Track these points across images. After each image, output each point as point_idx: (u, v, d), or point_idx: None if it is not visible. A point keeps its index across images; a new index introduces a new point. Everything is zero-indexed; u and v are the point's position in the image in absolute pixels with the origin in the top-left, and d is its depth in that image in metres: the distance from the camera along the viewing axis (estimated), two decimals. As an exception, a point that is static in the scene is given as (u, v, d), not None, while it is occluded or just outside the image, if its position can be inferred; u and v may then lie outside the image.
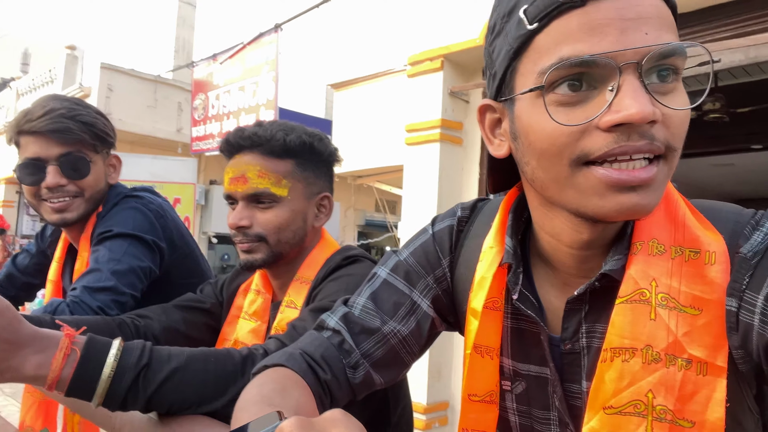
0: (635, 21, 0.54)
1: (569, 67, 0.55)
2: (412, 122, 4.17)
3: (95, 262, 1.28)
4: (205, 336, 1.21)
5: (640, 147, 0.54)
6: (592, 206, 0.57)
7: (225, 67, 8.55)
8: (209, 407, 0.80)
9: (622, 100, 0.53)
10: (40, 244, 1.66)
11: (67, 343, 0.72)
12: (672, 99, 0.56)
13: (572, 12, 0.55)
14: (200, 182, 10.29)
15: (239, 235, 1.10)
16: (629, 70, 0.54)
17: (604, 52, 0.53)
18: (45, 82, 12.26)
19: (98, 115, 1.42)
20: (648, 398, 0.56)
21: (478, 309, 0.71)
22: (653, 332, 0.58)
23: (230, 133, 1.13)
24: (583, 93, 0.56)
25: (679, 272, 0.59)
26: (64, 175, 1.34)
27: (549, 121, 0.56)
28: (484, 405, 0.71)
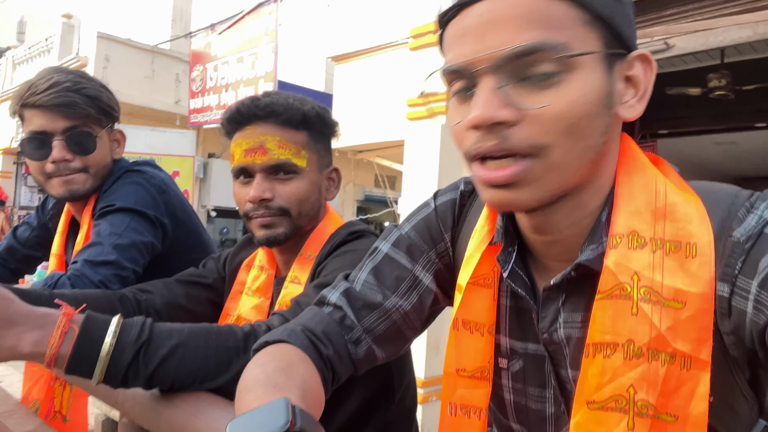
0: (491, 24, 0.56)
1: (446, 74, 0.61)
2: (414, 97, 4.12)
3: (97, 236, 1.27)
4: (207, 311, 1.20)
5: (489, 148, 0.57)
6: (483, 197, 0.62)
7: (223, 37, 8.43)
8: (212, 383, 0.79)
9: (473, 104, 0.57)
10: (41, 216, 1.65)
11: (65, 321, 0.72)
12: (547, 95, 0.56)
13: (452, 21, 0.60)
14: (199, 155, 10.23)
15: (260, 208, 1.05)
16: (484, 74, 0.57)
17: (462, 61, 0.58)
18: (41, 51, 12.09)
19: (103, 88, 1.40)
20: (629, 393, 0.56)
21: (463, 284, 0.72)
22: (635, 327, 0.57)
23: (241, 103, 1.08)
24: (470, 94, 0.59)
25: (660, 265, 0.58)
26: (69, 150, 1.32)
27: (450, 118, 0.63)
28: (474, 381, 0.71)
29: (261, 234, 1.07)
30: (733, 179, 8.44)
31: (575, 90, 0.56)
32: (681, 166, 0.69)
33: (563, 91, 0.56)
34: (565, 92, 0.56)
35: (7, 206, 9.01)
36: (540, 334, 0.70)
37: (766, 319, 0.53)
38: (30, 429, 1.07)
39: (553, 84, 0.56)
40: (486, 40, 0.56)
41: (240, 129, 1.08)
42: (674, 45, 3.28)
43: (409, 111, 4.15)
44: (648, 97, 0.62)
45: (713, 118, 4.72)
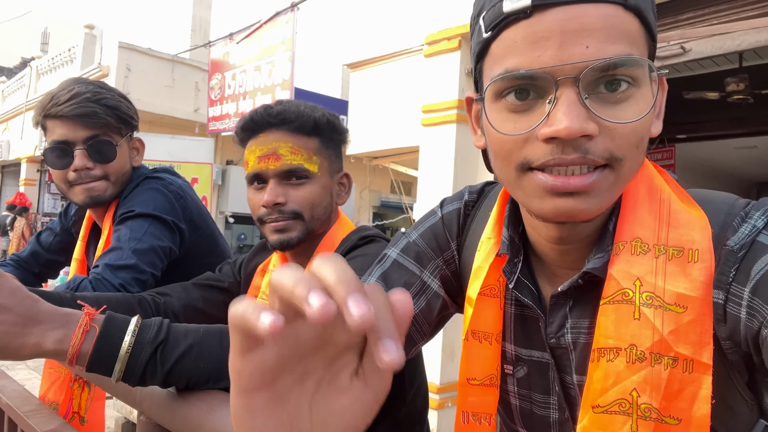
0: (577, 33, 0.54)
1: (511, 79, 0.57)
2: (429, 103, 4.14)
3: (117, 240, 1.31)
4: (223, 314, 1.23)
5: (573, 160, 0.55)
6: (535, 207, 0.60)
7: (241, 46, 8.53)
8: (226, 383, 0.80)
9: (555, 114, 0.55)
10: (64, 222, 1.69)
11: (87, 320, 0.75)
12: (621, 109, 0.56)
13: (519, 23, 0.56)
14: (217, 162, 10.36)
15: (273, 213, 1.08)
16: (567, 84, 0.54)
17: (541, 67, 0.55)
18: (64, 61, 12.36)
19: (122, 98, 1.44)
20: (632, 397, 0.57)
21: (473, 297, 0.72)
22: (637, 332, 0.58)
23: (254, 112, 1.11)
24: (530, 101, 0.57)
25: (663, 271, 0.59)
26: (90, 159, 1.37)
27: (499, 128, 0.59)
28: (483, 388, 0.72)
29: (275, 238, 1.09)
30: (754, 184, 8.29)
31: (643, 105, 0.56)
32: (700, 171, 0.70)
33: (634, 106, 0.56)
34: (635, 107, 0.56)
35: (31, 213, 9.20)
36: (547, 339, 0.71)
37: (759, 324, 0.55)
38: (52, 428, 1.10)
39: (625, 99, 0.56)
40: (570, 49, 0.54)
41: (253, 136, 1.11)
42: (691, 49, 3.25)
43: (424, 117, 4.17)
44: (662, 115, 0.64)
45: (732, 122, 4.66)
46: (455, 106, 3.96)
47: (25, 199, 9.86)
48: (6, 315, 0.70)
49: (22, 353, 0.71)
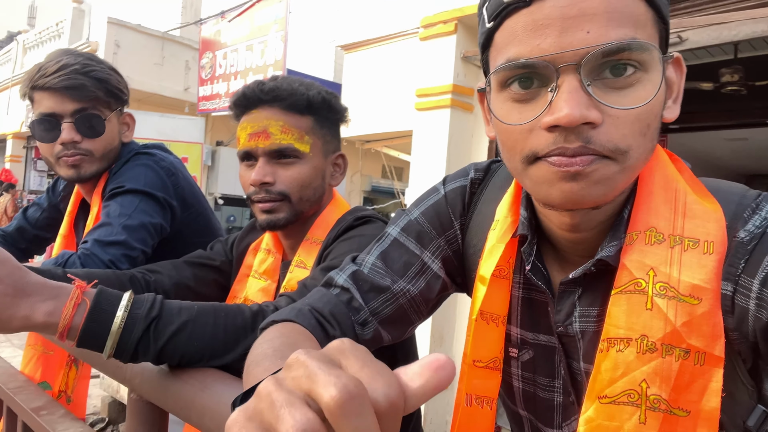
0: (577, 19, 0.53)
1: (513, 69, 0.56)
2: (423, 87, 4.11)
3: (106, 216, 1.28)
4: (214, 293, 1.22)
5: (575, 150, 0.55)
6: (543, 195, 0.59)
7: (233, 25, 8.41)
8: (220, 361, 0.80)
9: (556, 103, 0.54)
10: (51, 197, 1.66)
11: (79, 293, 0.73)
12: (626, 95, 0.55)
13: (520, 12, 0.56)
14: (207, 143, 10.25)
15: (261, 192, 1.07)
16: (568, 71, 0.54)
17: (541, 56, 0.54)
18: (52, 36, 12.12)
19: (112, 71, 1.41)
20: (641, 388, 0.56)
21: (487, 276, 0.71)
22: (649, 322, 0.57)
23: (247, 87, 1.08)
24: (534, 90, 0.57)
25: (678, 261, 0.58)
26: (78, 132, 1.34)
27: (505, 118, 0.59)
28: (487, 371, 0.72)
29: (262, 218, 1.08)
30: (744, 176, 8.36)
31: (649, 91, 0.55)
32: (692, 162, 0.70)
33: (640, 92, 0.55)
34: (641, 93, 0.55)
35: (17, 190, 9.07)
36: (555, 327, 0.70)
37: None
38: (39, 405, 1.08)
39: (630, 84, 0.55)
40: (571, 35, 0.53)
41: (246, 113, 1.09)
42: (687, 39, 3.24)
43: (418, 101, 4.14)
44: (680, 98, 0.63)
45: (725, 113, 4.67)
46: (450, 90, 3.94)
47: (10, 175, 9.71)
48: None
49: (11, 326, 0.69)
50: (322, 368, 0.31)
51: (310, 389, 0.31)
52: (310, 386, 0.31)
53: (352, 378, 0.31)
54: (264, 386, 0.33)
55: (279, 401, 0.31)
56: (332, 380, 0.30)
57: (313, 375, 0.31)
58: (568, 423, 0.73)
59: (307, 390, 0.31)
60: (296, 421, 0.30)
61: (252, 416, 0.33)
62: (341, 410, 0.29)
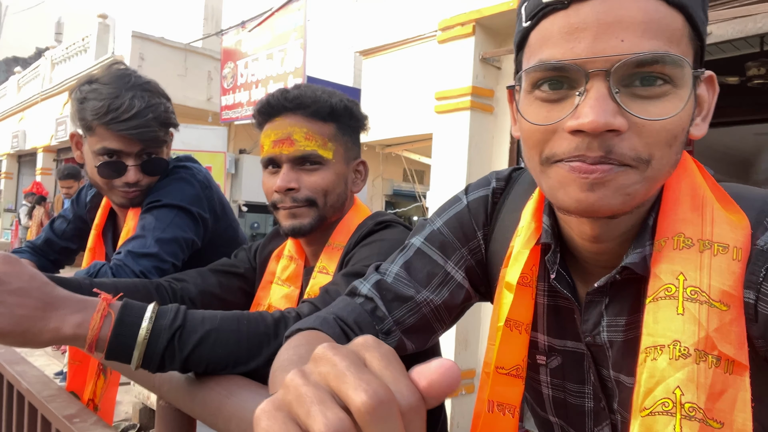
0: (613, 26, 0.53)
1: (545, 70, 0.56)
2: (442, 90, 4.10)
3: (141, 229, 1.32)
4: (239, 300, 1.23)
5: (595, 159, 0.54)
6: (558, 200, 0.59)
7: (253, 34, 8.52)
8: (245, 368, 0.82)
9: (583, 107, 0.54)
10: (77, 208, 1.70)
11: (104, 305, 0.75)
12: (653, 106, 0.54)
13: (556, 14, 0.56)
14: (230, 151, 10.38)
15: (286, 199, 1.08)
16: (598, 77, 0.54)
17: (574, 59, 0.54)
18: (78, 51, 12.42)
19: (164, 98, 1.44)
20: (676, 395, 0.54)
21: (513, 283, 0.70)
22: (681, 327, 0.56)
23: (271, 95, 1.10)
24: (563, 92, 0.57)
25: (708, 266, 0.57)
26: (143, 173, 1.39)
27: (529, 118, 0.59)
28: (510, 378, 0.71)
29: (287, 224, 1.09)
30: (774, 171, 8.14)
31: (678, 104, 0.55)
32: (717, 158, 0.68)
33: (668, 105, 0.55)
34: (669, 106, 0.55)
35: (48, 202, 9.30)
36: (583, 337, 0.70)
37: None
38: (72, 413, 1.11)
39: (658, 96, 0.55)
40: (604, 41, 0.53)
41: (269, 120, 1.10)
42: (711, 32, 3.18)
43: (437, 104, 4.13)
44: (710, 117, 0.62)
45: (752, 107, 4.56)
46: (469, 92, 3.92)
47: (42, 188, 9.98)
48: (26, 299, 0.70)
49: (42, 338, 0.71)
50: (351, 369, 0.32)
51: (339, 389, 0.32)
52: (338, 386, 0.32)
53: (381, 384, 0.31)
54: (291, 378, 0.33)
55: (309, 396, 0.32)
56: (363, 385, 0.31)
57: (341, 375, 0.32)
58: (600, 428, 0.73)
59: (335, 388, 0.32)
60: (329, 420, 0.30)
61: (280, 406, 0.33)
62: (371, 416, 0.30)
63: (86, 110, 1.35)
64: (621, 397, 0.69)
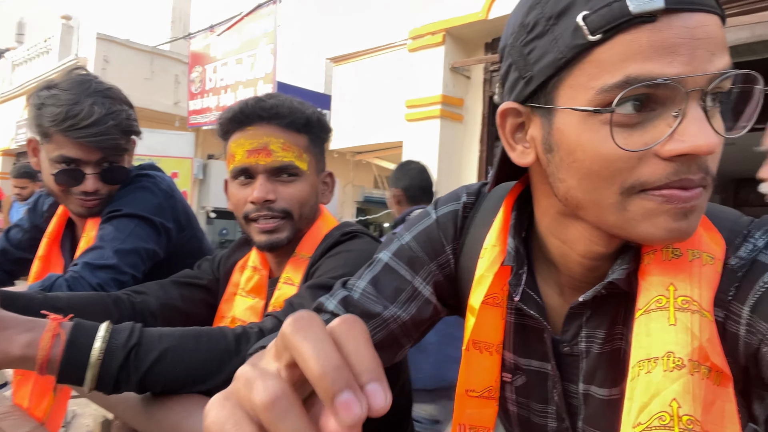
0: (704, 42, 0.50)
1: (636, 88, 0.51)
2: (413, 98, 4.12)
3: (100, 240, 1.27)
4: (202, 312, 1.20)
5: (698, 181, 0.52)
6: (641, 231, 0.55)
7: (222, 39, 8.42)
8: (204, 385, 0.79)
9: (687, 128, 0.51)
10: (33, 218, 1.64)
11: (55, 325, 0.71)
12: (718, 122, 0.54)
13: (642, 27, 0.50)
14: (198, 156, 10.23)
15: (262, 210, 1.04)
16: (695, 96, 0.51)
17: (676, 76, 0.50)
18: (40, 52, 12.09)
19: (126, 104, 1.39)
20: (672, 408, 0.52)
21: (476, 306, 0.69)
22: (674, 338, 0.54)
23: (244, 103, 1.06)
24: (644, 114, 0.52)
25: (699, 274, 0.57)
26: (102, 181, 1.34)
27: (605, 143, 0.53)
28: (482, 400, 0.70)
29: (262, 239, 1.06)
30: (732, 180, 8.42)
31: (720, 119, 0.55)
32: None
33: (720, 121, 0.54)
34: (720, 123, 0.54)
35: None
36: (561, 347, 0.69)
37: (758, 341, 0.55)
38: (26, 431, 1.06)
39: (716, 113, 0.54)
40: (700, 58, 0.50)
41: (240, 129, 1.06)
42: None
43: (408, 112, 4.15)
44: None
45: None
46: (439, 101, 3.95)
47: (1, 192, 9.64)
48: None
49: None
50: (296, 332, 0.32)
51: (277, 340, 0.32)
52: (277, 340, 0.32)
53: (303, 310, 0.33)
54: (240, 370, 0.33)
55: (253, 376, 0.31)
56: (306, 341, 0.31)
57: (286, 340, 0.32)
58: None
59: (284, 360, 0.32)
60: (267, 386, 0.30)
61: (229, 395, 0.33)
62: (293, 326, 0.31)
63: (43, 116, 1.30)
64: (587, 414, 0.69)
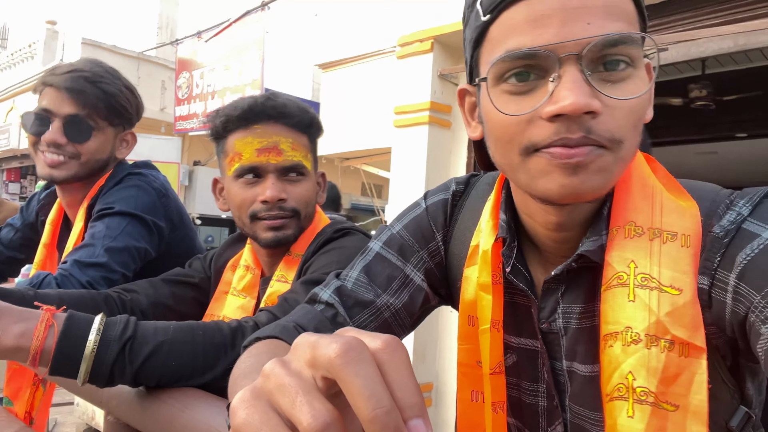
0: (578, 11, 0.54)
1: (513, 60, 0.56)
2: (401, 104, 4.14)
3: (91, 237, 1.26)
4: (193, 311, 1.19)
5: (578, 140, 0.55)
6: (541, 188, 0.59)
7: (210, 45, 8.40)
8: (200, 380, 0.78)
9: (559, 92, 0.55)
10: (26, 215, 1.62)
11: (48, 316, 0.70)
12: (621, 88, 0.56)
13: (519, 4, 0.56)
14: (184, 162, 10.16)
15: (274, 209, 1.05)
16: (570, 61, 0.55)
17: (544, 45, 0.54)
18: (24, 57, 11.95)
19: (125, 89, 1.41)
20: (628, 380, 0.56)
21: (489, 283, 0.70)
22: (632, 314, 0.58)
23: (253, 101, 1.06)
24: (532, 83, 0.57)
25: (658, 252, 0.59)
26: (65, 135, 1.33)
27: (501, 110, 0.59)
28: (496, 376, 0.71)
29: (269, 236, 1.05)
30: (714, 189, 8.52)
31: (640, 86, 0.57)
32: None
33: (632, 86, 0.57)
34: (633, 87, 0.57)
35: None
36: (539, 324, 0.71)
37: (746, 309, 0.55)
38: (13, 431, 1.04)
39: (624, 78, 0.56)
40: (572, 25, 0.54)
41: (246, 127, 1.06)
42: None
43: (396, 119, 4.16)
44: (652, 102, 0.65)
45: (694, 128, 4.79)
46: (428, 107, 3.97)
47: (-20, 198, 9.51)
48: None
49: None
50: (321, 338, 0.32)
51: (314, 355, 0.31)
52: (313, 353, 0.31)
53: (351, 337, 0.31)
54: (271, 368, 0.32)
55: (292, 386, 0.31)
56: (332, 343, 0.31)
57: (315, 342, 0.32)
58: (553, 428, 0.73)
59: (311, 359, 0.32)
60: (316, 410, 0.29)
61: (258, 395, 0.32)
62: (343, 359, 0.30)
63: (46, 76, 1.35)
64: (573, 391, 0.70)
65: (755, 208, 0.59)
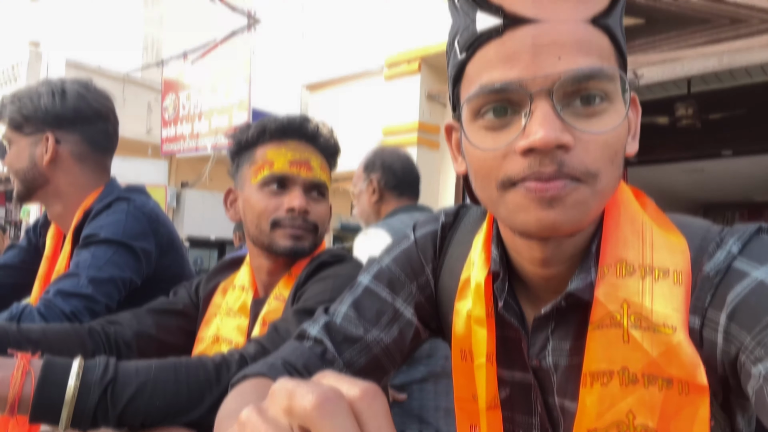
0: (549, 47, 0.55)
1: (486, 95, 0.58)
2: (389, 125, 4.14)
3: (75, 266, 1.22)
4: (179, 340, 1.15)
5: (550, 174, 0.55)
6: (519, 222, 0.59)
7: (196, 66, 8.40)
8: (186, 417, 0.76)
9: (531, 126, 0.55)
10: (32, 238, 1.55)
11: (24, 363, 0.69)
12: (595, 122, 0.56)
13: (492, 42, 0.57)
14: (171, 184, 10.08)
15: (297, 219, 1.07)
16: (541, 95, 0.55)
17: (514, 79, 0.56)
18: (7, 79, 11.88)
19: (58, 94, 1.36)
20: (629, 419, 0.57)
21: (483, 316, 0.70)
22: (628, 354, 0.58)
23: (291, 117, 1.11)
24: (508, 118, 0.58)
25: (650, 291, 0.59)
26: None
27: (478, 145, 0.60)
28: (492, 411, 0.71)
29: (288, 244, 1.07)
30: (702, 206, 8.67)
31: (615, 119, 0.57)
32: (652, 194, 0.72)
33: (607, 120, 0.57)
34: (608, 120, 0.57)
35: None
36: (529, 361, 0.70)
37: (736, 349, 0.56)
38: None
39: (598, 112, 0.57)
40: (543, 60, 0.55)
41: (280, 140, 1.10)
42: (642, 75, 3.37)
43: (385, 139, 4.16)
44: (638, 136, 0.66)
45: (681, 146, 4.85)
46: (416, 128, 3.98)
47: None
48: None
49: None
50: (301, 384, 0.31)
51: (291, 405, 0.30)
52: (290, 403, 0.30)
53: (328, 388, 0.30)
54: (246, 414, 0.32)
55: None
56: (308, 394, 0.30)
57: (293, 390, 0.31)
58: None
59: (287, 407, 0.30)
60: None
61: None
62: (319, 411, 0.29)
63: None
64: (566, 425, 0.69)
65: (744, 247, 0.59)
